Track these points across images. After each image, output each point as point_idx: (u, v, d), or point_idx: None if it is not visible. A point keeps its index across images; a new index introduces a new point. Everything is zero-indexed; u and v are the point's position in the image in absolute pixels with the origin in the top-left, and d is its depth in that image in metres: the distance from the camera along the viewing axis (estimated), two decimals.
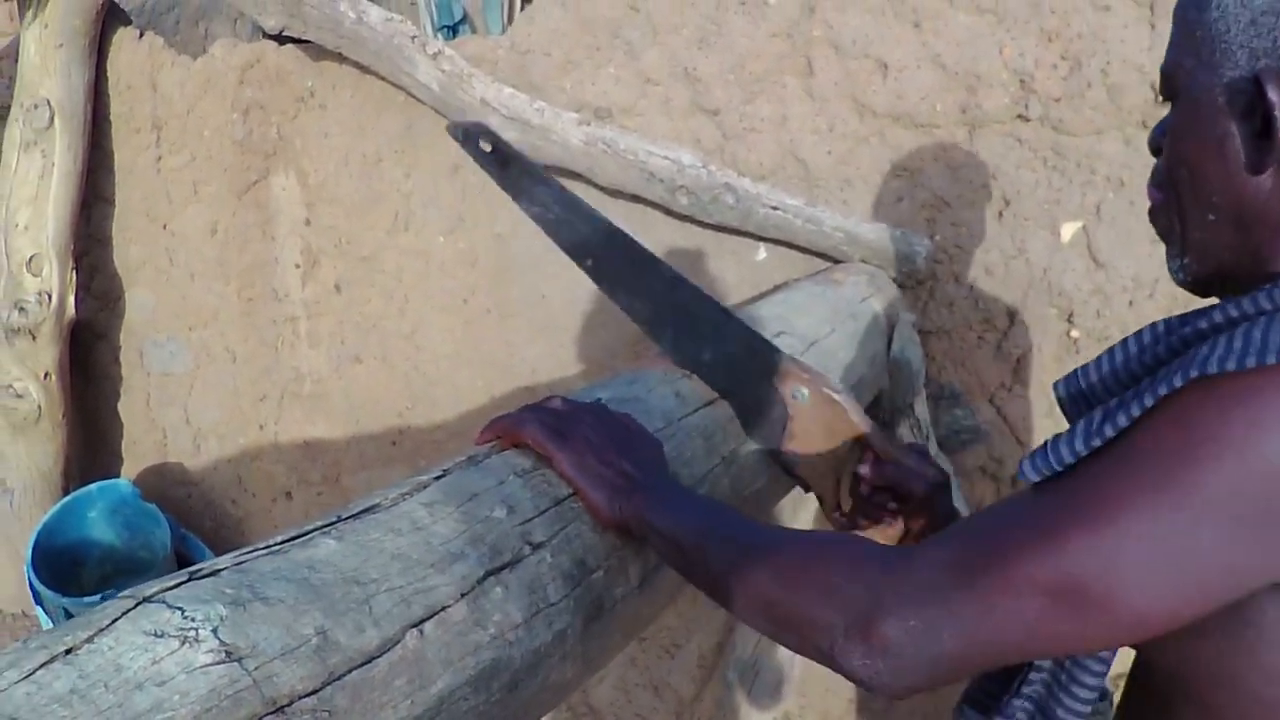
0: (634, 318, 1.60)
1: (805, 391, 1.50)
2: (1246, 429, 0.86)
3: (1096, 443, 0.96)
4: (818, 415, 1.50)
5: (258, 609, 0.84)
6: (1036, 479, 1.00)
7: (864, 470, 1.48)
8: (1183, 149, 1.07)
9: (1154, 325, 1.07)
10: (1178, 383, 0.92)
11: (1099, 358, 1.09)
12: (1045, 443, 1.01)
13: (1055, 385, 1.14)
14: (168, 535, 3.49)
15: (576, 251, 1.58)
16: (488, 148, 1.53)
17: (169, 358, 3.75)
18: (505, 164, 1.54)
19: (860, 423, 1.48)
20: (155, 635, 0.78)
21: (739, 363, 1.57)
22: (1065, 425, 1.03)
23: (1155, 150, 1.15)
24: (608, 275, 1.58)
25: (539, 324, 3.09)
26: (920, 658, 0.94)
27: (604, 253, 1.57)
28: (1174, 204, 1.09)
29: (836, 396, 1.49)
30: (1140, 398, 0.95)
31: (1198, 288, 1.12)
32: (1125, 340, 1.08)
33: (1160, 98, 1.13)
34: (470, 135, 1.53)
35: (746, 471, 1.60)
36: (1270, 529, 0.86)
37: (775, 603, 1.04)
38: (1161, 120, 1.14)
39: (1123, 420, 0.95)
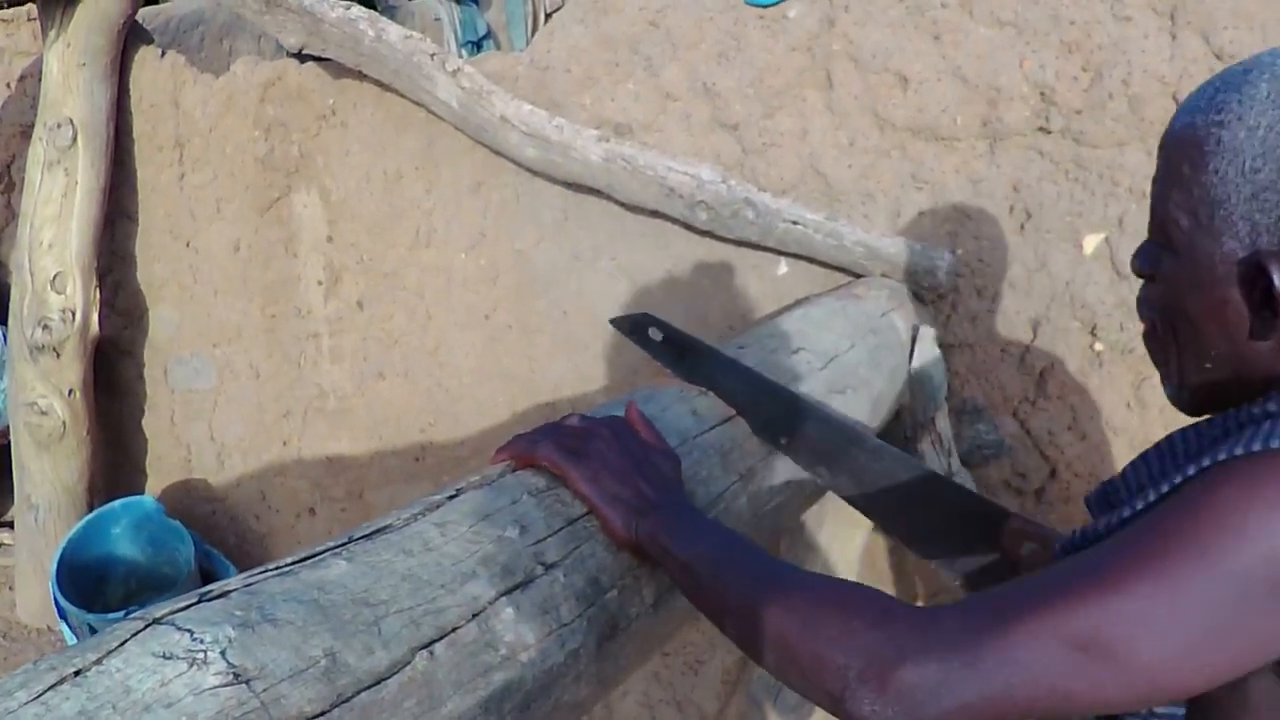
0: (840, 493, 1.56)
1: (1036, 548, 1.46)
2: (1267, 509, 0.89)
3: (1120, 517, 1.04)
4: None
5: (266, 631, 0.84)
6: (1063, 554, 1.05)
7: None
8: (1182, 304, 1.09)
9: (1171, 436, 1.12)
10: (1197, 467, 0.98)
11: (1124, 470, 1.14)
12: (1075, 530, 1.08)
13: (1086, 497, 1.16)
14: (192, 551, 3.50)
15: (769, 432, 1.55)
16: (659, 337, 1.51)
17: (193, 374, 3.77)
18: (681, 354, 1.52)
19: None
20: (164, 657, 0.79)
21: (964, 523, 1.51)
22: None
23: (1140, 274, 1.17)
24: (804, 452, 1.55)
25: (561, 340, 3.09)
26: (933, 708, 0.93)
27: (798, 429, 1.54)
28: (1171, 342, 1.12)
29: None
30: (1160, 483, 1.01)
31: (1192, 413, 1.15)
32: (1147, 452, 1.13)
33: (1148, 231, 1.15)
34: (638, 327, 1.51)
35: (764, 488, 1.59)
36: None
37: (785, 640, 1.03)
38: (1144, 247, 1.16)
39: (1152, 496, 1.02)
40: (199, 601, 0.86)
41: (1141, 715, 1.10)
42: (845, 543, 2.55)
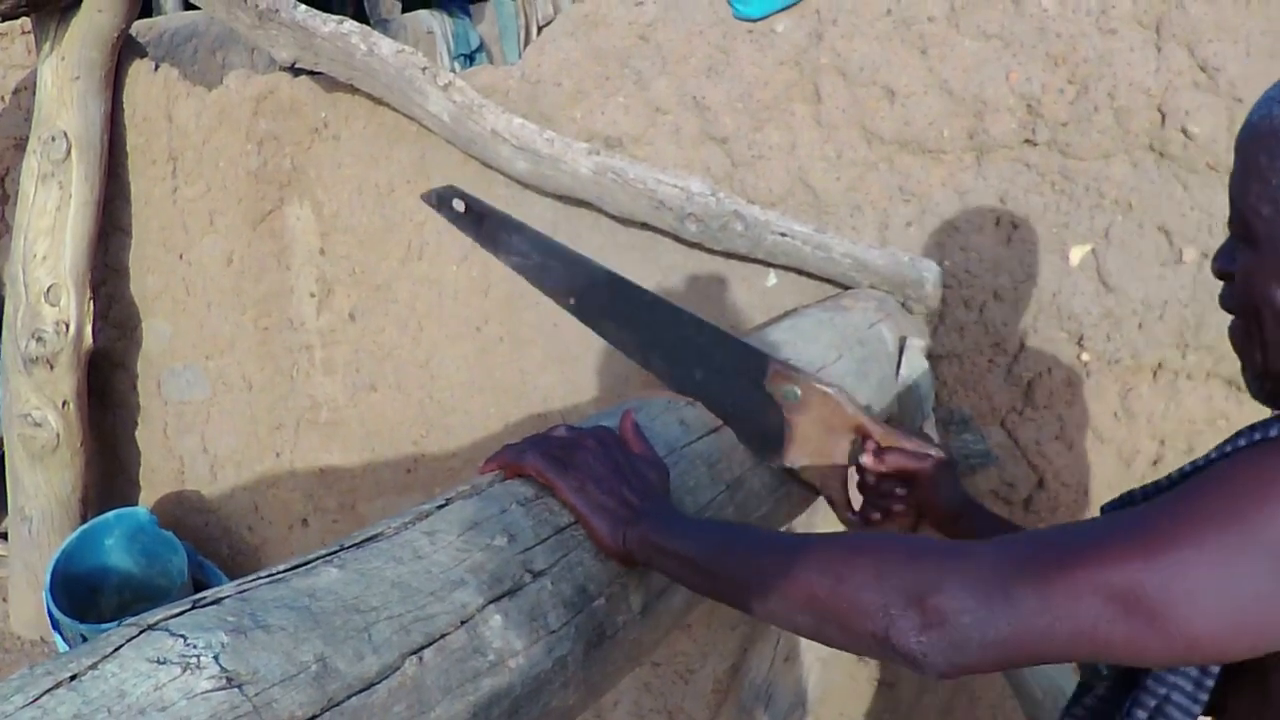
0: (625, 352, 1.63)
1: (796, 390, 1.51)
2: None
3: (1169, 479, 1.08)
4: (812, 412, 1.51)
5: (259, 636, 0.86)
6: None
7: (866, 460, 1.49)
8: (1267, 294, 1.09)
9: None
10: (1242, 443, 1.01)
11: (1147, 485, 1.15)
12: (1124, 492, 1.12)
13: (1103, 507, 1.18)
14: (185, 562, 3.50)
15: (559, 294, 1.61)
16: (461, 208, 1.57)
17: (186, 386, 3.78)
18: (480, 221, 1.58)
19: (855, 413, 1.49)
20: (158, 662, 0.80)
21: (730, 374, 1.58)
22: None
23: (1221, 276, 1.17)
24: (591, 311, 1.61)
25: (551, 352, 3.10)
26: (975, 637, 0.96)
27: (585, 289, 1.59)
28: (1256, 335, 1.12)
29: (827, 390, 1.50)
30: (1208, 455, 1.05)
31: (1270, 403, 1.15)
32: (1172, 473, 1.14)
33: (1228, 228, 1.15)
34: (444, 200, 1.58)
35: (752, 498, 1.61)
36: None
37: (819, 595, 1.05)
38: (1226, 246, 1.15)
39: (1202, 462, 1.05)
40: (192, 608, 0.87)
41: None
42: None
